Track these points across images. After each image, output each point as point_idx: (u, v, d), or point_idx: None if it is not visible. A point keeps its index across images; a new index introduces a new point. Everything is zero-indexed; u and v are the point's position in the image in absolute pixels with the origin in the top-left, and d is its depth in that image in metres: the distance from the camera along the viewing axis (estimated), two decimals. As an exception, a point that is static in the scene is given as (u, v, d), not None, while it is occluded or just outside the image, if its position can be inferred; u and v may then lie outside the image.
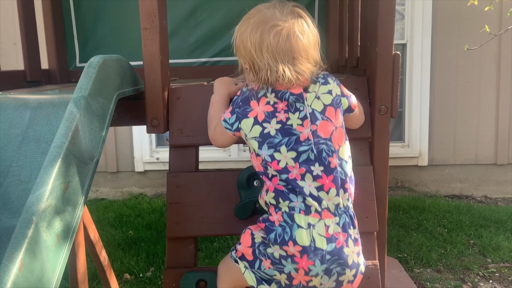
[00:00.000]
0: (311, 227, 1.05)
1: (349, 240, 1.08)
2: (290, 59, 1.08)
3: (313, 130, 1.10)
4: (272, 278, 1.08)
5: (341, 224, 1.08)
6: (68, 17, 2.10)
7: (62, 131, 0.95)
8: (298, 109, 1.11)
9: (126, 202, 3.92)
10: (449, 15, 3.80)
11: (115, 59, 1.21)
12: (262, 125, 1.11)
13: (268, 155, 1.09)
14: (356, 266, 1.09)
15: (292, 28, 1.09)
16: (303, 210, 1.06)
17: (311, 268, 1.04)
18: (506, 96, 3.86)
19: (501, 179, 4.00)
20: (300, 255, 1.04)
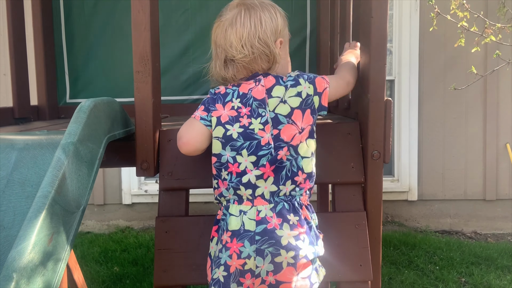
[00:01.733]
0: (242, 213, 1.10)
1: (284, 224, 1.08)
2: (228, 55, 1.15)
3: (274, 134, 1.13)
4: (213, 280, 1.09)
5: (277, 210, 1.10)
6: (60, 53, 2.10)
7: (48, 179, 0.92)
8: (260, 115, 1.14)
9: (112, 235, 3.82)
10: (435, 53, 3.91)
11: (106, 102, 1.20)
12: (224, 127, 1.14)
13: (231, 156, 1.12)
14: (294, 248, 1.07)
15: (233, 18, 1.17)
16: (236, 201, 1.11)
17: (241, 250, 1.06)
18: (493, 132, 3.92)
19: (490, 215, 4.01)
20: (230, 239, 1.08)
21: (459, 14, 2.83)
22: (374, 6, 1.24)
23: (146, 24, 1.23)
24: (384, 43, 1.25)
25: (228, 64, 1.17)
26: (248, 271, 1.06)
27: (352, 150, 1.32)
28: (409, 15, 3.94)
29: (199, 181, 1.32)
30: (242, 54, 1.14)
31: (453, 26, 3.14)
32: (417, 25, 3.93)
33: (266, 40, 1.14)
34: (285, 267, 1.06)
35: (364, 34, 1.31)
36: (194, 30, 2.14)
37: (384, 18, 1.23)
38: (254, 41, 1.14)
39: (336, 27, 1.85)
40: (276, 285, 1.06)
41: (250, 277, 1.06)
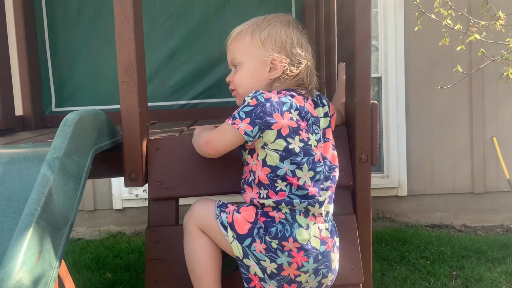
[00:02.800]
0: (309, 228, 1.09)
1: (334, 247, 1.14)
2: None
3: (321, 152, 1.16)
4: (259, 262, 1.08)
5: (329, 230, 1.14)
6: (44, 61, 2.08)
7: (34, 197, 0.91)
8: (314, 132, 1.15)
9: (103, 241, 3.79)
10: (421, 49, 3.94)
11: (92, 114, 1.18)
12: (286, 140, 1.10)
13: (290, 170, 1.10)
14: (335, 272, 1.15)
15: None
16: (303, 213, 1.10)
17: (304, 264, 1.08)
18: (479, 126, 3.98)
19: (479, 207, 4.07)
20: (297, 250, 1.07)
21: (443, 12, 2.85)
22: (358, 11, 1.25)
23: (130, 34, 1.22)
24: (368, 48, 1.26)
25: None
26: (297, 282, 1.09)
27: (340, 153, 1.33)
28: (394, 13, 3.97)
29: (188, 190, 1.32)
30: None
31: (438, 22, 3.17)
32: (402, 22, 3.96)
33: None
34: (323, 287, 1.14)
35: (349, 38, 1.32)
36: (180, 35, 2.13)
37: (367, 23, 1.23)
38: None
39: (321, 27, 1.86)
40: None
41: (296, 287, 1.10)
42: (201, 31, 2.14)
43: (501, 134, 3.97)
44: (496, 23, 2.66)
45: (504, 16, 2.73)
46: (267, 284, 1.09)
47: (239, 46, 1.22)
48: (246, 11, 2.15)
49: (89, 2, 2.11)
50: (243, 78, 1.21)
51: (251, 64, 1.20)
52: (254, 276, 1.09)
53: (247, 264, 1.09)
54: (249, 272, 1.10)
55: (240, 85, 1.22)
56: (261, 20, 1.23)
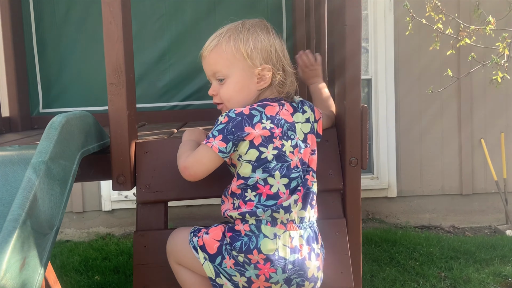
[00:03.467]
0: (277, 237, 1.07)
1: (312, 254, 1.10)
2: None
3: (299, 158, 1.13)
4: (231, 279, 1.08)
5: (305, 237, 1.10)
6: (31, 62, 2.04)
7: (18, 202, 0.89)
8: (290, 138, 1.13)
9: (92, 243, 3.75)
10: (411, 52, 3.97)
11: (79, 116, 1.17)
12: (258, 149, 1.10)
13: (262, 179, 1.09)
14: (315, 280, 1.11)
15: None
16: (270, 222, 1.07)
17: (272, 276, 1.06)
18: (467, 128, 4.02)
19: (467, 208, 4.11)
20: (264, 262, 1.05)
21: (434, 17, 2.88)
22: (348, 14, 1.25)
23: (119, 35, 1.20)
24: (358, 51, 1.26)
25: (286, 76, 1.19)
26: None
27: (330, 157, 1.33)
28: (384, 15, 3.99)
29: (178, 193, 1.30)
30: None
31: (428, 26, 3.20)
32: (392, 24, 3.99)
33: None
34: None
35: (339, 41, 1.31)
36: (170, 36, 2.11)
37: (358, 27, 1.23)
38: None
39: (312, 31, 1.86)
40: None
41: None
42: (191, 32, 2.12)
43: (489, 137, 4.02)
44: (486, 27, 2.69)
45: (494, 21, 2.76)
46: None
47: (221, 58, 1.16)
48: (236, 13, 2.13)
49: (77, 2, 2.08)
50: (232, 92, 1.17)
51: (238, 77, 1.16)
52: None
53: (220, 283, 1.09)
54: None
55: (230, 100, 1.17)
56: (239, 28, 1.18)
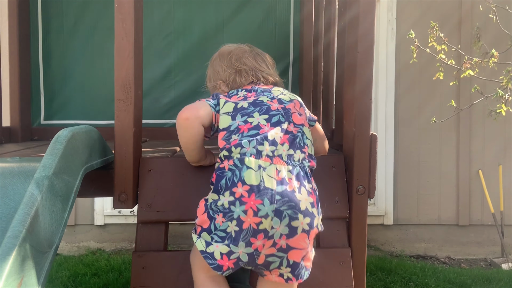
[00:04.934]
0: (261, 168, 1.06)
1: (302, 188, 1.07)
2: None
3: (282, 106, 1.20)
4: (225, 233, 1.05)
5: (295, 173, 1.09)
6: (36, 73, 2.03)
7: (20, 217, 0.86)
8: (266, 95, 1.24)
9: (82, 258, 3.67)
10: (411, 80, 4.00)
11: (84, 131, 1.14)
12: (234, 102, 1.21)
13: (242, 121, 1.15)
14: (311, 215, 1.06)
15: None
16: (254, 155, 1.08)
17: (259, 208, 1.02)
18: (465, 158, 4.02)
19: (463, 240, 4.07)
20: (248, 194, 1.03)
21: (437, 47, 2.91)
22: (361, 41, 1.25)
23: (130, 52, 1.19)
24: (370, 78, 1.26)
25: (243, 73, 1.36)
26: (262, 231, 1.03)
27: (337, 183, 1.31)
28: (386, 42, 4.04)
29: (179, 214, 1.27)
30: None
31: (429, 55, 3.23)
32: (393, 52, 4.03)
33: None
34: (299, 233, 1.04)
35: (350, 68, 1.31)
36: (176, 54, 2.11)
37: (370, 55, 1.23)
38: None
39: (320, 56, 1.86)
40: (286, 250, 1.04)
41: (262, 238, 1.03)
42: (198, 51, 2.13)
43: (487, 168, 4.02)
44: (490, 60, 2.72)
45: (497, 54, 2.80)
46: (236, 253, 1.04)
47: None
48: (244, 33, 2.16)
49: (86, 15, 2.08)
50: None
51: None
52: (221, 258, 1.04)
53: (211, 251, 1.05)
54: (215, 259, 1.05)
55: None
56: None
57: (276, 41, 2.14)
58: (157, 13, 2.10)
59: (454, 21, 3.91)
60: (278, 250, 1.04)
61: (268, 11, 2.13)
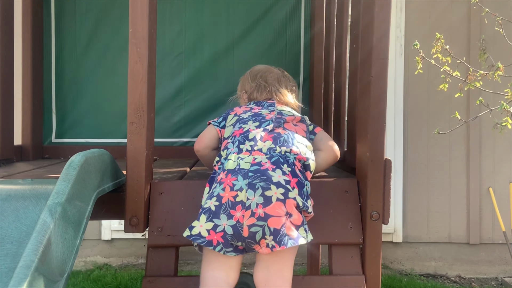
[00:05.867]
0: (239, 159, 1.20)
1: (277, 169, 1.17)
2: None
3: (277, 115, 1.36)
4: (208, 210, 1.13)
5: (273, 160, 1.19)
6: (48, 91, 2.05)
7: (32, 246, 0.85)
8: (269, 109, 1.40)
9: (89, 273, 3.65)
10: (420, 96, 3.98)
11: (97, 155, 1.14)
12: (237, 115, 1.39)
13: (237, 128, 1.32)
14: (284, 187, 1.14)
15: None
16: (236, 152, 1.24)
17: (234, 183, 1.14)
18: (475, 176, 3.97)
19: (474, 258, 4.00)
20: (226, 175, 1.17)
21: (442, 59, 2.90)
22: (375, 66, 1.24)
23: (143, 76, 1.20)
24: (384, 103, 1.25)
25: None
26: (239, 203, 1.11)
27: (350, 209, 1.29)
28: (394, 59, 4.04)
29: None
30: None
31: (437, 70, 3.22)
32: (401, 68, 4.02)
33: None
34: (274, 201, 1.11)
35: (364, 93, 1.30)
36: (187, 73, 2.12)
37: (384, 80, 1.23)
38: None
39: (331, 77, 1.86)
40: (265, 218, 1.10)
41: (241, 209, 1.11)
42: (209, 70, 2.13)
43: (498, 186, 3.97)
44: (495, 73, 2.70)
45: (502, 67, 2.77)
46: (220, 225, 1.11)
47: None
48: (255, 53, 2.16)
49: (98, 35, 2.10)
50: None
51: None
52: (208, 234, 1.12)
53: (197, 232, 1.13)
54: (203, 237, 1.12)
55: None
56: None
57: (287, 60, 2.15)
58: (168, 34, 2.11)
59: (463, 35, 3.90)
60: (257, 219, 1.10)
61: (278, 31, 2.13)
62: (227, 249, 1.12)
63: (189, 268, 3.71)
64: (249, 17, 2.14)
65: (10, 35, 1.77)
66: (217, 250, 1.11)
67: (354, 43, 1.46)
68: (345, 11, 1.73)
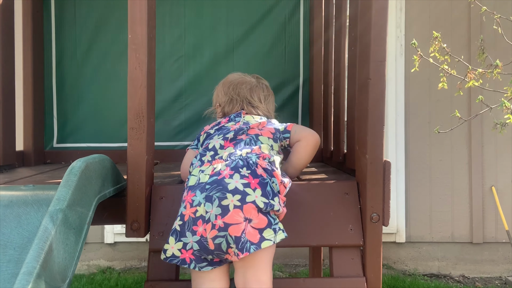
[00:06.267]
0: (201, 172, 1.22)
1: (235, 174, 1.17)
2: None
3: (240, 125, 1.39)
4: (174, 232, 1.16)
5: (232, 165, 1.20)
6: (49, 97, 2.06)
7: (34, 253, 0.86)
8: (235, 121, 1.43)
9: (92, 277, 3.66)
10: (421, 96, 3.98)
11: (98, 161, 1.15)
12: (207, 132, 1.43)
13: (205, 143, 1.35)
14: (242, 193, 1.13)
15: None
16: (199, 165, 1.27)
17: (193, 199, 1.15)
18: (478, 175, 3.97)
19: (477, 258, 3.99)
20: (187, 192, 1.19)
21: (440, 58, 2.90)
22: (372, 68, 1.25)
23: (143, 81, 1.20)
24: (382, 105, 1.25)
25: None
26: (200, 217, 1.13)
27: (350, 211, 1.29)
28: (395, 59, 4.04)
29: (191, 242, 1.26)
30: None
31: (437, 69, 3.22)
32: (402, 68, 4.02)
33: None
34: (231, 209, 1.11)
35: (362, 95, 1.31)
36: (187, 77, 2.13)
37: (382, 82, 1.23)
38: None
39: (330, 79, 1.86)
40: (225, 228, 1.11)
41: (202, 223, 1.12)
42: (208, 74, 2.14)
43: (500, 184, 3.96)
44: (494, 71, 2.70)
45: (501, 65, 2.77)
46: (189, 243, 1.14)
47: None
48: (254, 56, 2.17)
49: (98, 40, 2.11)
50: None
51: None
52: (181, 253, 1.14)
53: (170, 254, 1.15)
54: (177, 256, 1.15)
55: None
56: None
57: (286, 63, 2.15)
58: (168, 38, 2.12)
59: (463, 34, 3.89)
60: (219, 230, 1.11)
61: (277, 33, 2.14)
62: (201, 264, 1.14)
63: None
64: (248, 20, 2.15)
65: (11, 41, 1.78)
66: (191, 267, 1.14)
67: (352, 45, 1.46)
68: (343, 13, 1.73)
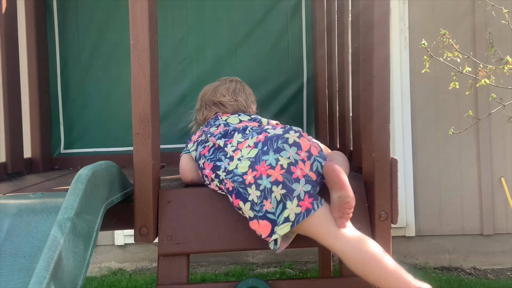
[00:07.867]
0: (241, 158, 1.26)
1: (271, 129, 1.29)
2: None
3: (224, 129, 1.42)
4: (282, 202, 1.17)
5: (259, 130, 1.32)
6: (55, 103, 2.07)
7: (43, 262, 0.87)
8: (215, 125, 1.46)
9: (104, 279, 3.69)
10: (427, 90, 3.95)
11: (104, 168, 1.16)
12: (196, 141, 1.48)
13: (202, 148, 1.40)
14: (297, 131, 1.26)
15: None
16: (227, 162, 1.29)
17: (270, 163, 1.19)
18: (487, 166, 3.93)
19: (488, 250, 3.96)
20: (252, 170, 1.22)
21: (449, 55, 2.87)
22: (376, 66, 1.24)
23: (147, 87, 1.21)
24: (387, 102, 1.24)
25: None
26: (290, 164, 1.19)
27: (358, 209, 1.28)
28: (399, 52, 4.00)
29: (201, 245, 1.27)
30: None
31: (444, 64, 3.19)
32: (407, 61, 3.98)
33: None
34: (300, 141, 1.23)
35: (366, 93, 1.30)
36: (191, 79, 2.13)
37: (387, 79, 1.22)
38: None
39: (334, 76, 1.85)
40: (309, 153, 1.22)
41: (295, 168, 1.18)
42: (212, 74, 2.14)
43: (510, 175, 3.92)
44: (505, 67, 2.67)
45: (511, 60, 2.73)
46: (300, 193, 1.16)
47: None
48: (257, 56, 2.16)
49: (102, 45, 2.12)
50: None
51: None
52: (300, 208, 1.16)
53: (295, 213, 1.15)
54: (302, 213, 1.15)
55: None
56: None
57: (289, 61, 2.15)
58: (170, 41, 2.13)
59: (467, 27, 3.85)
60: (308, 159, 1.21)
61: (280, 32, 2.13)
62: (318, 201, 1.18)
63: (202, 270, 3.73)
64: (250, 21, 2.14)
65: (15, 49, 1.79)
66: (316, 208, 1.15)
67: (355, 42, 1.45)
68: (345, 10, 1.72)
